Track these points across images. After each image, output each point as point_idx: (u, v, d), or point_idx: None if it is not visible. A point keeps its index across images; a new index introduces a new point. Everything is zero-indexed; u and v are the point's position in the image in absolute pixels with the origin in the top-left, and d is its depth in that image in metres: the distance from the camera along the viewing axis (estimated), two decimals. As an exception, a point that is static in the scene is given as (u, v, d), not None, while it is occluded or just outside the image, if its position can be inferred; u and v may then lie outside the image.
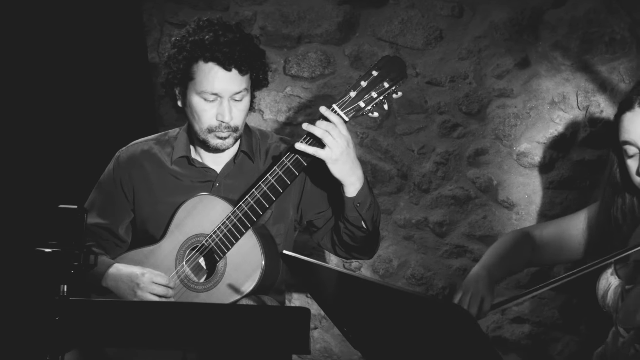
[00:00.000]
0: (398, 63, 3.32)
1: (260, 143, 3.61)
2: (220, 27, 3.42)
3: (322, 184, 3.51)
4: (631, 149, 3.00)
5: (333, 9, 4.52)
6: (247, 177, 3.51)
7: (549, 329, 4.34)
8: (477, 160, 4.35)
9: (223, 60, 3.35)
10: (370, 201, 3.39)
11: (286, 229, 3.57)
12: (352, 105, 3.29)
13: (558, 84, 4.19)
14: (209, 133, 3.42)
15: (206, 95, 3.38)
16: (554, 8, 4.18)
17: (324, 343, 4.70)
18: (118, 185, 3.61)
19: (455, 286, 4.45)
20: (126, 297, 3.41)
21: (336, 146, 3.25)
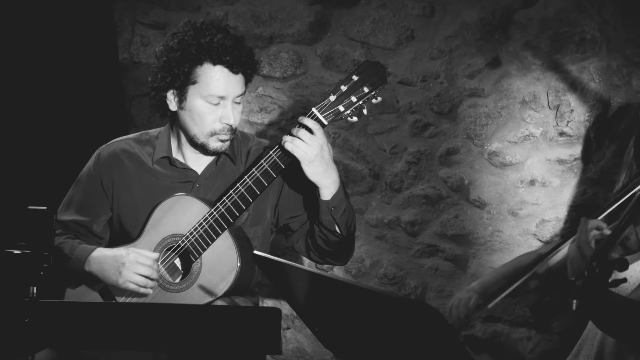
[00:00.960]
0: (378, 68, 3.34)
1: (242, 145, 3.61)
2: (221, 30, 3.42)
3: (299, 188, 3.52)
4: None
5: (304, 9, 4.52)
6: (228, 179, 3.51)
7: (521, 327, 4.35)
8: (448, 159, 4.36)
9: (232, 63, 3.35)
10: (345, 206, 3.40)
11: (263, 231, 3.57)
12: (331, 109, 3.30)
13: (529, 84, 4.21)
14: (211, 136, 3.42)
15: (212, 98, 3.37)
16: (524, 8, 4.19)
17: (296, 343, 4.70)
18: (98, 183, 3.59)
19: (427, 285, 4.46)
20: (110, 278, 3.40)
21: (310, 149, 3.26)
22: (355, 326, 2.54)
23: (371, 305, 2.37)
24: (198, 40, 3.36)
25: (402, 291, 4.48)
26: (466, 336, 4.41)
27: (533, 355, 4.33)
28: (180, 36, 3.41)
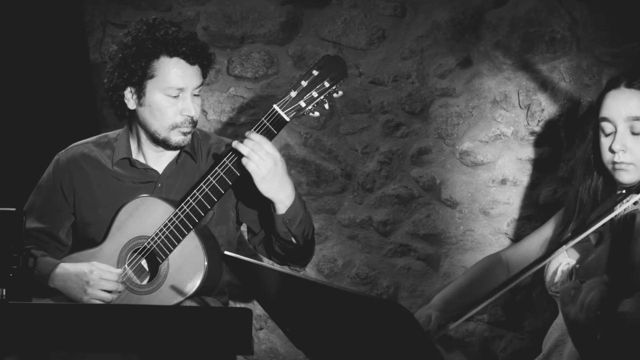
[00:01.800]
0: (338, 62, 3.32)
1: (202, 143, 3.60)
2: (173, 24, 3.44)
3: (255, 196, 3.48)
4: (608, 127, 3.12)
5: (276, 9, 4.51)
6: (190, 178, 3.50)
7: (493, 326, 4.36)
8: (420, 159, 4.36)
9: (188, 54, 3.36)
10: (301, 217, 3.38)
11: (228, 230, 3.57)
12: (293, 105, 3.29)
13: (500, 83, 4.22)
14: (172, 130, 3.41)
15: (171, 90, 3.37)
16: (495, 7, 4.20)
17: (269, 344, 4.69)
18: (58, 189, 3.58)
19: (400, 285, 4.47)
20: (76, 296, 3.39)
21: (263, 165, 3.25)
22: (327, 326, 2.54)
23: (342, 305, 2.37)
24: (152, 34, 3.36)
25: (375, 291, 4.48)
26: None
27: (505, 354, 4.35)
28: (134, 33, 3.40)
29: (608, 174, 3.15)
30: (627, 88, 3.10)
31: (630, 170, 3.07)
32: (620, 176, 3.09)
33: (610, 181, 3.17)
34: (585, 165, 3.26)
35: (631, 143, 3.07)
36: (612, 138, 3.10)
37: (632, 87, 3.09)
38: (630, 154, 3.06)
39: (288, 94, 3.30)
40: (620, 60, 3.96)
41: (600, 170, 3.20)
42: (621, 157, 3.07)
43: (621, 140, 3.07)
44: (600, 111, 3.15)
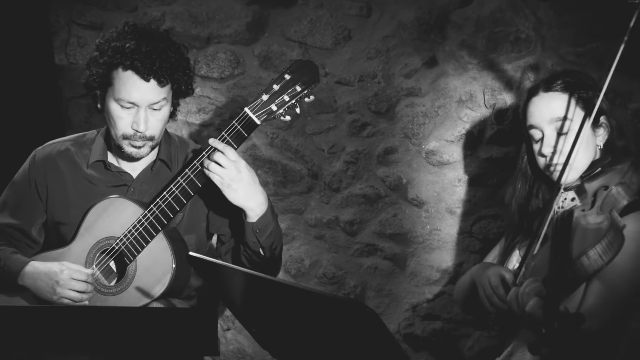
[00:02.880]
0: (311, 67, 3.34)
1: (179, 151, 3.60)
2: (144, 34, 3.39)
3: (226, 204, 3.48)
4: (536, 133, 3.20)
5: (242, 9, 4.51)
6: (163, 185, 3.49)
7: (460, 325, 4.38)
8: (386, 159, 4.37)
9: (142, 70, 3.32)
10: (271, 229, 3.38)
11: (198, 239, 3.57)
12: (264, 109, 3.30)
13: (465, 83, 4.23)
14: (124, 140, 3.40)
15: (123, 102, 3.35)
16: (460, 7, 4.21)
17: (237, 344, 4.69)
18: (32, 185, 3.57)
19: (367, 284, 4.47)
20: (45, 295, 3.38)
21: (225, 173, 3.25)
22: (292, 326, 2.54)
23: (307, 305, 2.37)
24: (115, 43, 3.35)
25: (342, 290, 4.49)
26: (405, 334, 4.43)
27: (472, 353, 4.36)
28: (107, 37, 3.40)
29: (547, 178, 3.20)
30: (546, 92, 3.18)
31: (567, 171, 3.09)
32: (557, 177, 3.11)
33: (551, 183, 3.20)
34: (523, 176, 3.32)
35: (560, 144, 3.12)
36: (541, 143, 3.17)
37: (550, 90, 3.18)
38: (561, 154, 3.12)
39: (260, 97, 3.30)
40: (584, 60, 3.99)
41: (539, 176, 3.26)
42: (554, 160, 3.14)
43: (549, 143, 3.14)
44: (526, 120, 3.23)
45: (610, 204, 2.90)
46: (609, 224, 2.78)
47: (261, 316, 2.65)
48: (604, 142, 3.18)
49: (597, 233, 2.78)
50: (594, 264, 2.75)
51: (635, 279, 2.93)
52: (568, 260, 2.69)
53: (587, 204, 2.97)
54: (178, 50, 3.44)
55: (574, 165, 3.10)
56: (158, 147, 3.53)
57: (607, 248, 2.75)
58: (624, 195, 2.93)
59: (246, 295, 2.62)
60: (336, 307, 2.26)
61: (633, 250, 2.91)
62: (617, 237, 2.77)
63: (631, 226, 2.91)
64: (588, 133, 3.12)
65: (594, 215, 2.89)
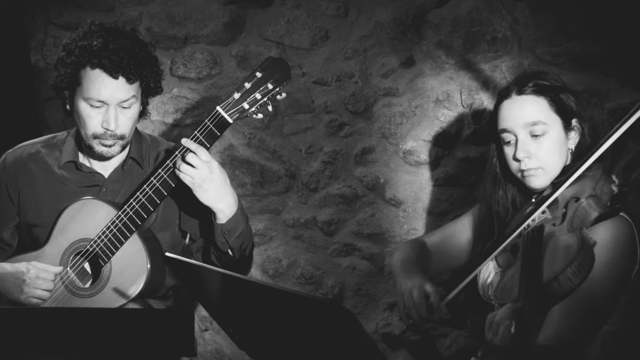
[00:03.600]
0: (282, 64, 3.33)
1: (151, 149, 3.59)
2: (111, 33, 3.38)
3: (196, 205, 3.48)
4: (508, 137, 3.15)
5: (219, 9, 4.50)
6: (135, 184, 3.48)
7: (438, 324, 4.38)
8: (364, 158, 4.37)
9: (110, 67, 3.31)
10: (241, 230, 3.38)
11: (172, 236, 3.56)
12: (236, 107, 3.29)
13: (442, 83, 4.24)
14: (94, 139, 3.39)
15: (92, 101, 3.34)
16: (437, 7, 4.22)
17: (215, 345, 4.68)
18: (3, 189, 3.55)
19: (345, 284, 4.47)
20: (13, 295, 3.37)
21: (196, 174, 3.25)
22: (270, 326, 2.54)
23: (284, 306, 2.37)
24: (82, 42, 3.34)
25: (320, 291, 4.49)
26: (384, 334, 4.43)
27: (450, 352, 4.37)
28: (74, 36, 3.40)
29: (519, 181, 3.18)
30: (519, 95, 3.14)
31: (540, 175, 3.09)
32: (530, 182, 3.11)
33: (523, 188, 3.19)
34: (493, 178, 3.29)
35: (534, 148, 3.09)
36: (514, 147, 3.13)
37: (523, 93, 3.13)
38: (535, 158, 3.09)
39: (231, 95, 3.29)
40: (560, 60, 4.00)
41: (511, 179, 3.23)
42: (527, 164, 3.10)
43: (523, 147, 3.10)
44: (497, 123, 3.19)
45: (581, 217, 2.85)
46: (579, 245, 2.74)
47: (238, 317, 2.65)
48: (575, 146, 3.16)
49: (567, 254, 2.72)
50: (565, 287, 2.69)
51: (607, 288, 2.91)
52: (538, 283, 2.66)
53: (558, 217, 2.91)
54: (145, 48, 3.43)
55: (548, 170, 3.09)
56: (129, 146, 3.52)
57: (578, 271, 2.70)
58: (595, 208, 2.89)
59: (223, 295, 2.61)
60: (313, 307, 2.27)
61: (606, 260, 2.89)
62: (587, 258, 2.72)
63: (603, 235, 2.89)
64: (561, 136, 3.12)
65: (564, 233, 2.85)
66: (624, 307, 3.01)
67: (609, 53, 3.90)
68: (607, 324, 2.99)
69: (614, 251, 2.90)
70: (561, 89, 3.15)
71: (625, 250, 2.92)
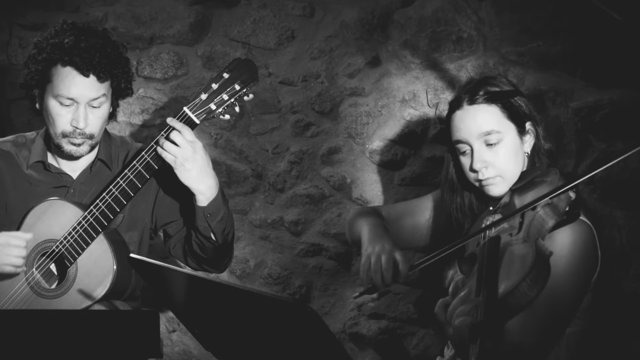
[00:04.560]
0: (249, 65, 3.34)
1: (120, 151, 3.58)
2: (83, 31, 3.38)
3: (175, 192, 3.51)
4: (463, 147, 3.13)
5: (185, 9, 4.49)
6: (103, 185, 3.47)
7: (405, 323, 4.39)
8: (330, 158, 4.38)
9: (81, 65, 3.31)
10: (222, 214, 3.39)
11: (140, 236, 3.55)
12: (203, 108, 3.30)
13: (408, 82, 4.25)
14: (63, 138, 3.38)
15: (62, 99, 3.34)
16: (403, 7, 4.23)
17: (183, 346, 4.67)
18: None
19: (312, 284, 4.48)
20: None
21: (179, 152, 3.25)
22: (236, 327, 2.54)
23: (249, 306, 2.37)
24: (54, 40, 3.34)
25: (287, 291, 4.49)
26: (351, 333, 4.44)
27: (417, 351, 4.38)
28: (46, 34, 3.40)
29: (477, 189, 3.16)
30: (470, 105, 3.10)
31: (498, 183, 3.08)
32: (490, 191, 3.10)
33: (482, 195, 3.17)
34: (450, 186, 3.27)
35: (490, 157, 3.07)
36: (470, 157, 3.10)
37: (474, 103, 3.09)
38: (492, 167, 3.07)
39: (198, 96, 3.30)
40: (525, 59, 4.02)
41: (468, 186, 3.21)
42: (485, 174, 3.08)
43: (480, 158, 3.08)
44: (451, 134, 3.16)
45: (538, 226, 2.82)
46: (534, 257, 2.69)
47: (204, 317, 2.64)
48: (531, 149, 3.14)
49: (523, 266, 2.68)
50: (521, 300, 2.65)
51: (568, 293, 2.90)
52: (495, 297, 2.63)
53: (515, 227, 2.87)
54: (117, 48, 3.43)
55: (506, 177, 3.07)
56: (98, 147, 3.51)
57: (533, 283, 2.66)
58: (552, 216, 2.85)
59: (188, 296, 2.61)
60: (278, 307, 2.26)
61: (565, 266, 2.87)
62: (543, 270, 2.67)
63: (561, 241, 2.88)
64: (517, 141, 3.11)
65: (520, 243, 2.82)
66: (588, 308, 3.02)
67: (573, 52, 3.93)
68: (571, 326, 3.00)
69: (573, 257, 2.88)
70: (512, 93, 3.13)
71: (585, 255, 2.91)
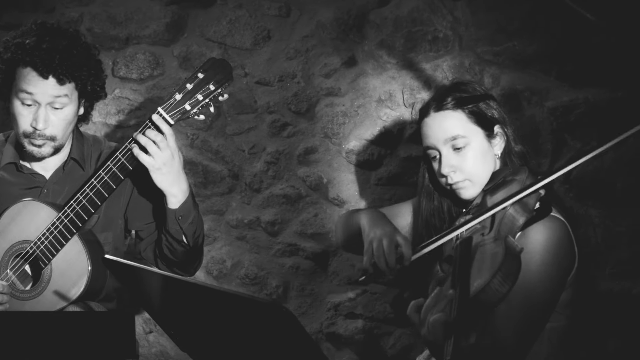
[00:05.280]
0: (223, 65, 3.33)
1: (92, 150, 3.57)
2: (49, 32, 3.37)
3: (148, 195, 3.51)
4: (433, 153, 3.20)
5: (161, 9, 4.48)
6: (77, 185, 3.47)
7: (382, 323, 4.40)
8: (307, 158, 4.38)
9: (40, 66, 3.30)
10: (193, 217, 3.39)
11: (114, 237, 3.54)
12: (177, 108, 3.29)
13: (384, 82, 4.25)
14: (25, 138, 3.38)
15: (23, 99, 3.33)
16: (378, 7, 4.23)
17: (159, 347, 4.66)
18: None
19: (289, 284, 4.47)
20: None
21: (159, 156, 3.25)
22: (211, 328, 2.53)
23: (224, 307, 2.37)
24: (18, 40, 3.34)
25: (264, 291, 4.48)
26: (328, 333, 4.44)
27: (394, 350, 4.39)
28: (14, 34, 3.40)
29: (452, 193, 3.20)
30: (437, 112, 3.16)
31: (468, 187, 3.12)
32: (461, 194, 3.14)
33: (456, 198, 3.20)
34: (427, 192, 3.32)
35: (457, 161, 3.11)
36: (439, 162, 3.16)
37: (440, 109, 3.15)
38: (460, 172, 3.11)
39: (173, 96, 3.30)
40: (500, 59, 4.03)
41: (444, 191, 3.25)
42: (454, 178, 3.12)
43: (447, 163, 3.13)
44: (422, 141, 3.23)
45: (509, 224, 2.84)
46: (504, 254, 2.69)
47: (180, 318, 2.63)
48: (502, 151, 3.17)
49: (493, 263, 2.71)
50: (493, 297, 2.67)
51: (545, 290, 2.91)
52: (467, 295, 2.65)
53: (486, 227, 2.90)
54: (86, 50, 3.41)
55: (475, 180, 3.11)
56: (70, 147, 3.50)
57: (504, 280, 2.68)
58: (522, 213, 2.87)
59: (164, 297, 2.60)
60: (253, 308, 2.26)
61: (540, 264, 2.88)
62: (514, 266, 2.69)
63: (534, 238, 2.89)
64: (485, 145, 3.14)
65: (491, 242, 2.84)
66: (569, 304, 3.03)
67: (549, 52, 3.94)
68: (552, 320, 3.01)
69: (547, 253, 2.89)
70: (479, 98, 3.16)
71: (558, 251, 2.92)
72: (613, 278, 3.93)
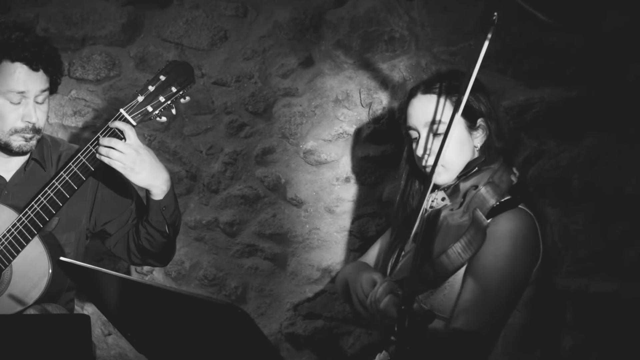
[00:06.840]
0: (186, 68, 3.36)
1: (52, 150, 3.57)
2: (23, 28, 3.42)
3: (114, 190, 3.50)
4: (413, 134, 3.26)
5: (117, 10, 4.46)
6: (38, 185, 3.46)
7: (341, 323, 4.41)
8: (264, 159, 4.37)
9: (31, 59, 3.33)
10: (175, 205, 3.41)
11: (77, 237, 3.53)
12: (140, 110, 3.30)
13: (341, 82, 4.26)
14: (13, 134, 3.37)
15: (12, 95, 3.33)
16: (335, 7, 4.24)
17: (118, 349, 4.64)
18: None
19: (248, 285, 4.47)
20: None
21: (125, 158, 3.25)
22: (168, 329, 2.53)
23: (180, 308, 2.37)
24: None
25: (223, 292, 4.48)
26: (287, 333, 4.44)
27: (353, 350, 4.40)
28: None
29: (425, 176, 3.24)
30: (424, 94, 3.23)
31: (441, 172, 3.16)
32: (434, 179, 3.16)
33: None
34: (406, 174, 3.36)
35: (435, 146, 3.16)
36: (417, 144, 3.23)
37: (427, 92, 3.22)
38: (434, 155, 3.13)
39: (135, 98, 3.31)
40: (457, 58, 4.05)
41: (419, 175, 3.31)
42: (428, 161, 3.18)
43: (424, 145, 3.19)
44: (406, 120, 3.29)
45: (478, 203, 2.94)
46: (470, 222, 2.82)
47: (136, 320, 2.63)
48: (482, 144, 3.21)
49: (458, 231, 2.82)
50: (454, 262, 2.80)
51: (512, 278, 2.98)
52: (429, 258, 2.73)
53: (457, 203, 3.01)
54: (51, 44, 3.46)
55: (449, 167, 3.16)
56: None
57: (467, 246, 2.79)
58: (492, 194, 2.96)
59: (121, 299, 2.59)
60: (209, 309, 2.26)
61: (508, 250, 2.95)
62: (478, 235, 2.80)
63: (505, 225, 2.97)
64: (464, 135, 3.17)
65: (458, 214, 2.93)
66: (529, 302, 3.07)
67: (504, 52, 3.96)
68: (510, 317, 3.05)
69: (514, 242, 2.98)
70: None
71: (526, 241, 3.00)
72: (570, 276, 3.96)
